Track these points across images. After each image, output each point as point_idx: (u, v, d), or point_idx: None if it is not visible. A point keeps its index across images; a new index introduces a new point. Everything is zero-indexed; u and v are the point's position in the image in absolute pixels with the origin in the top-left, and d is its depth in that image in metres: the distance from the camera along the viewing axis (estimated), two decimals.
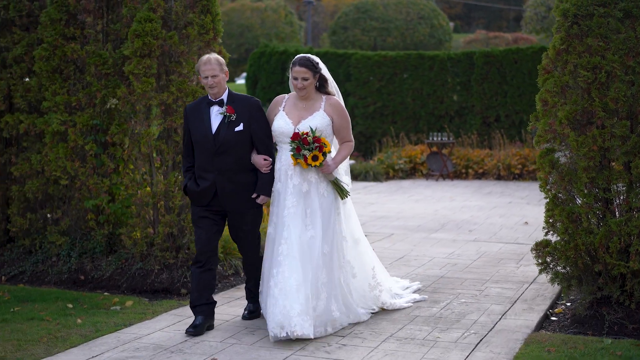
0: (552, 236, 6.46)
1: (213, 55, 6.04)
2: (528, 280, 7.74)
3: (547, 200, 6.39)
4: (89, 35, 7.67)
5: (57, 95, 7.60)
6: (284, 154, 6.06)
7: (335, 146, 6.28)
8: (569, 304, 6.84)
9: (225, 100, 6.02)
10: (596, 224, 6.22)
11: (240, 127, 5.97)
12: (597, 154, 6.12)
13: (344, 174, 6.30)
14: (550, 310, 6.73)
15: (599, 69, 6.14)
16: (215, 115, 6.00)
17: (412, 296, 6.93)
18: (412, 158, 18.45)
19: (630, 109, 6.17)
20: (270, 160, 6.06)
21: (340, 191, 6.15)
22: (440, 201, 13.95)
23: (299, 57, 6.08)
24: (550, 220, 6.36)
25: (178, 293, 7.15)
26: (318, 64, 6.09)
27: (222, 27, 7.50)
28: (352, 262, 6.27)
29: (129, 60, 7.33)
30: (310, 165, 5.86)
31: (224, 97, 6.02)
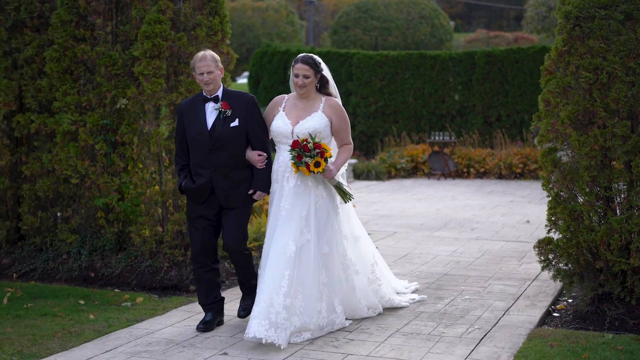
0: (555, 234, 6.60)
1: (208, 52, 6.02)
2: (530, 277, 7.87)
3: (550, 198, 6.53)
4: (98, 36, 7.81)
5: (68, 96, 7.74)
6: (282, 154, 6.03)
7: (334, 148, 6.22)
8: (571, 300, 6.96)
9: (220, 97, 6.01)
10: (597, 222, 6.35)
11: (235, 123, 5.96)
12: (598, 153, 6.25)
13: (341, 177, 6.27)
14: (552, 306, 6.86)
15: (600, 70, 6.27)
16: (211, 112, 5.99)
17: (412, 296, 6.98)
18: (414, 157, 18.58)
19: (631, 109, 6.30)
20: (265, 155, 6.03)
21: (344, 195, 6.11)
22: (442, 200, 14.08)
23: (301, 55, 6.08)
24: (553, 218, 6.50)
25: (187, 290, 7.28)
26: (320, 63, 6.09)
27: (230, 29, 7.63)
28: (354, 259, 6.29)
29: (138, 61, 7.46)
30: (313, 172, 5.80)
31: (219, 93, 6.02)
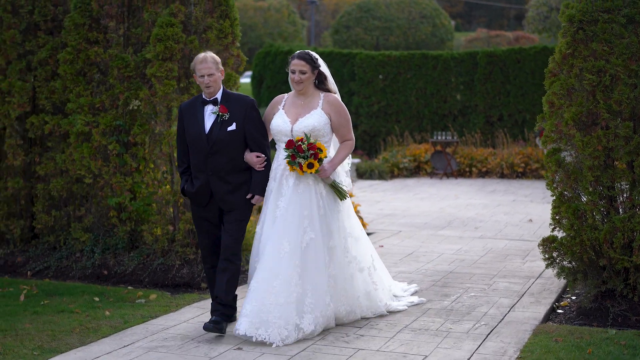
0: (559, 232, 6.76)
1: (209, 54, 5.99)
2: (534, 275, 8.03)
3: (554, 197, 6.69)
4: (111, 39, 7.97)
5: (81, 97, 7.91)
6: (282, 153, 6.02)
7: (335, 144, 6.24)
8: (574, 297, 7.12)
9: (219, 99, 5.97)
10: (601, 221, 6.51)
11: (232, 127, 5.92)
12: (601, 153, 6.41)
13: (344, 175, 6.28)
14: (556, 303, 7.01)
15: (603, 73, 6.43)
16: (209, 115, 5.96)
17: (410, 299, 6.92)
18: (417, 157, 18.74)
19: (633, 111, 6.46)
20: (264, 156, 6.01)
21: (339, 193, 6.12)
22: (445, 199, 14.23)
23: (298, 51, 6.08)
24: (557, 217, 6.66)
25: (199, 287, 7.44)
26: (317, 59, 6.06)
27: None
28: (358, 257, 6.30)
29: (151, 63, 7.62)
30: (306, 172, 5.86)
31: (218, 95, 5.99)
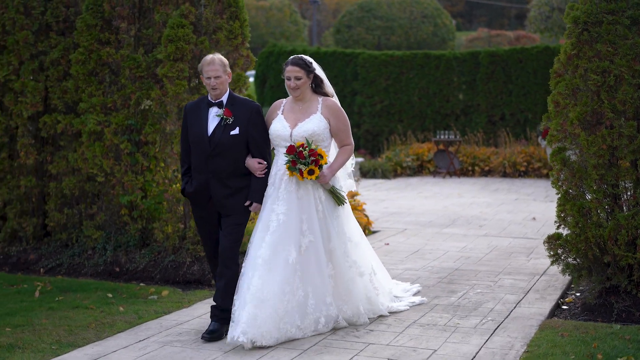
0: (564, 229, 6.89)
1: (217, 56, 5.96)
2: (539, 272, 8.15)
3: (559, 195, 6.82)
4: (122, 40, 8.10)
5: (93, 97, 8.04)
6: (281, 158, 5.99)
7: (334, 149, 6.23)
8: (579, 294, 7.25)
9: (224, 102, 5.95)
10: (605, 218, 6.64)
11: (235, 131, 5.90)
12: (606, 152, 6.53)
13: (345, 178, 6.30)
14: (561, 299, 7.14)
15: (607, 73, 6.55)
16: (213, 117, 5.95)
17: (412, 299, 6.92)
18: (419, 156, 18.86)
19: (637, 111, 6.59)
20: (265, 164, 5.99)
21: (337, 199, 6.11)
22: (449, 198, 14.36)
23: (291, 57, 6.05)
24: (562, 215, 6.79)
25: (209, 284, 7.56)
26: (312, 63, 6.04)
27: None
28: (358, 261, 6.26)
29: (162, 64, 7.75)
30: (306, 178, 5.86)
31: (224, 98, 5.96)
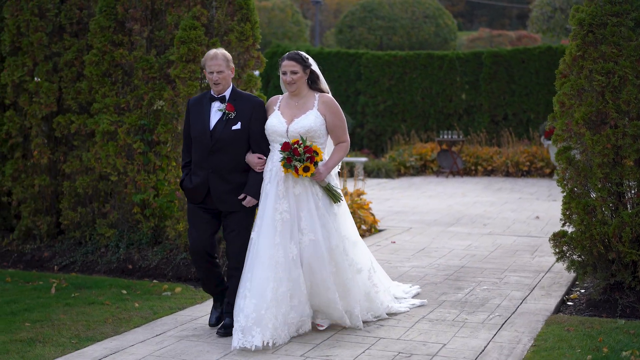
0: (569, 227, 7.04)
1: (220, 51, 5.94)
2: (544, 269, 8.30)
3: (564, 194, 6.96)
4: (135, 41, 8.25)
5: (107, 98, 8.20)
6: (276, 153, 5.94)
7: (330, 146, 6.18)
8: (583, 290, 7.39)
9: (227, 97, 5.93)
10: (610, 216, 6.79)
11: (237, 126, 5.87)
12: (610, 151, 6.68)
13: (335, 177, 6.22)
14: (566, 296, 7.28)
15: (612, 74, 6.70)
16: (215, 112, 5.92)
17: (412, 301, 6.90)
18: (423, 155, 19.03)
19: None
20: (265, 159, 5.97)
21: (333, 196, 6.05)
22: (453, 197, 14.51)
23: (287, 53, 6.03)
24: (567, 212, 6.93)
25: None
26: (308, 59, 6.02)
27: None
28: (355, 259, 6.22)
29: (174, 65, 7.90)
30: (302, 175, 5.80)
31: (227, 93, 5.94)
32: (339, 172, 6.40)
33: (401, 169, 18.54)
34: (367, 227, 10.53)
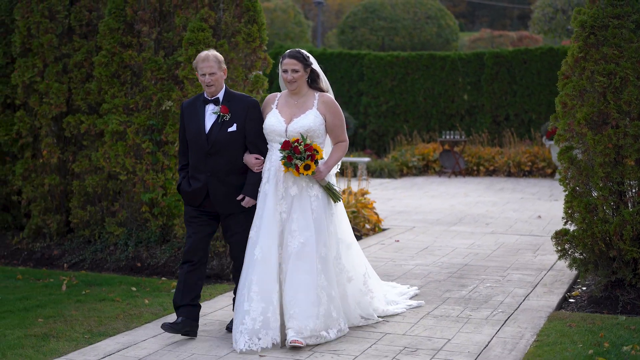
0: (571, 225, 7.17)
1: (212, 52, 5.86)
2: (546, 267, 8.42)
3: (566, 193, 7.09)
4: (144, 43, 8.39)
5: (116, 98, 8.33)
6: (275, 153, 5.89)
7: (329, 145, 6.13)
8: (585, 287, 7.52)
9: (220, 99, 5.87)
10: (611, 214, 6.92)
11: (233, 128, 5.82)
12: (612, 151, 6.81)
13: (334, 177, 6.17)
14: (568, 293, 7.41)
15: (613, 75, 6.83)
16: (210, 115, 5.86)
17: (409, 302, 6.86)
18: (425, 155, 19.16)
19: None
20: (262, 159, 5.93)
21: (333, 195, 6.00)
22: (455, 197, 14.64)
23: (288, 50, 5.97)
24: (569, 211, 7.06)
25: (228, 278, 7.83)
26: (309, 57, 5.96)
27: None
28: (347, 266, 6.14)
29: (182, 65, 8.03)
30: (302, 174, 5.75)
31: (220, 95, 5.87)
32: (339, 171, 6.43)
33: (404, 169, 18.67)
34: (371, 226, 10.66)
